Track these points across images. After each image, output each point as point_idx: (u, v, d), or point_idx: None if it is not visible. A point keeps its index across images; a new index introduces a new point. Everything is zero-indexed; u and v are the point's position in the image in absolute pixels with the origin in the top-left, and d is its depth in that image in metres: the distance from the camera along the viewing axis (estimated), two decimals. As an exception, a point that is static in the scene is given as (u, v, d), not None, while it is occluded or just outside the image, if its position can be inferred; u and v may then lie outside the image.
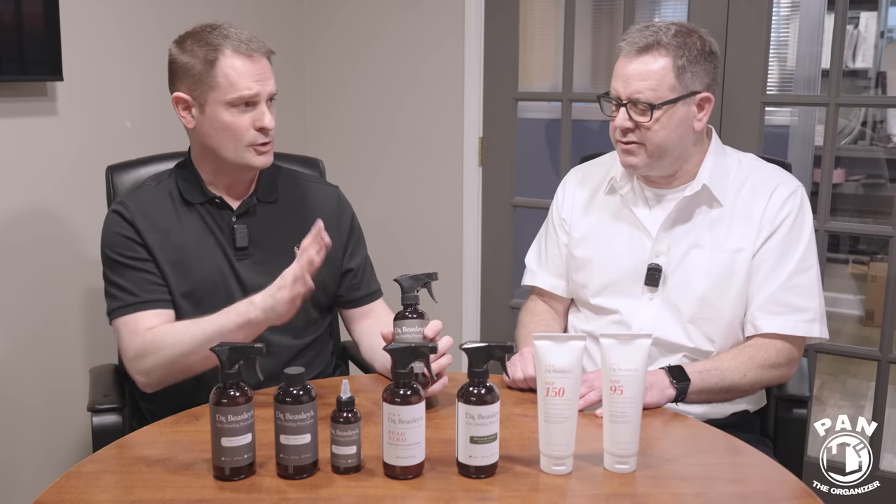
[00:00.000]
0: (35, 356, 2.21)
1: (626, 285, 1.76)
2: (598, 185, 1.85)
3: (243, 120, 1.63)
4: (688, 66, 1.65)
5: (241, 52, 1.61)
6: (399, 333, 1.48)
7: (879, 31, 5.32)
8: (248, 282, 1.69)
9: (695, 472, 1.32)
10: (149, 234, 1.66)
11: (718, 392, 1.63)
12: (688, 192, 1.72)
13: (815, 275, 1.71)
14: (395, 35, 2.97)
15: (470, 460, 1.25)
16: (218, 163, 1.68)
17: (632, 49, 1.66)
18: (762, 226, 1.70)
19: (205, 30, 1.64)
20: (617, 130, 1.70)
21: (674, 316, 1.73)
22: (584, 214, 1.85)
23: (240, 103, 1.61)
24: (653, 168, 1.72)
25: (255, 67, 1.63)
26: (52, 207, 2.22)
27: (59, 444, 2.29)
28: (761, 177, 1.75)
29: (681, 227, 1.74)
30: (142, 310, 1.62)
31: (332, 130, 3.12)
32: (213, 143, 1.65)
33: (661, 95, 1.64)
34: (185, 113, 1.65)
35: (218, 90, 1.61)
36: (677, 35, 1.65)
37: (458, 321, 2.99)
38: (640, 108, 1.65)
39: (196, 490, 1.23)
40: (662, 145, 1.67)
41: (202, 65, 1.61)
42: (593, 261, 1.81)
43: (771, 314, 1.68)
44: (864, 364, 3.82)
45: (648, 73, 1.64)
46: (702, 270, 1.71)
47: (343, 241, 1.82)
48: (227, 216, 1.71)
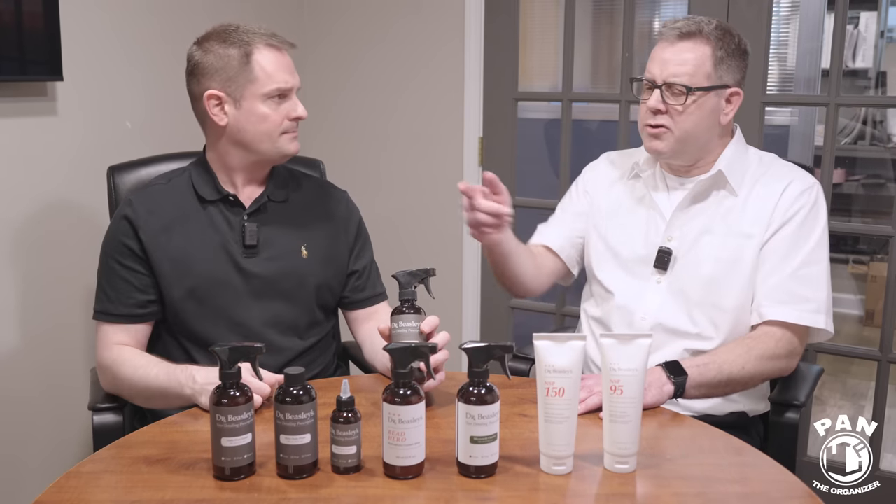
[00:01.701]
0: (37, 356, 2.21)
1: (636, 267, 1.79)
2: (624, 171, 1.89)
3: (279, 111, 1.68)
4: (725, 58, 1.69)
5: (273, 46, 1.67)
6: (395, 328, 1.48)
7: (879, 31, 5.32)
8: (254, 279, 1.70)
9: (695, 472, 1.32)
10: (152, 234, 1.68)
11: (717, 385, 1.63)
12: (703, 177, 1.75)
13: (825, 270, 1.72)
14: (396, 35, 2.97)
15: (470, 460, 1.25)
16: (247, 157, 1.71)
17: (673, 34, 1.70)
18: (774, 216, 1.71)
19: (227, 29, 1.68)
20: (648, 113, 1.72)
21: (680, 301, 1.74)
22: (607, 192, 1.89)
23: (276, 95, 1.66)
24: (676, 155, 1.75)
25: (286, 60, 1.69)
26: (51, 207, 2.22)
27: (62, 443, 2.29)
28: (779, 172, 1.78)
29: (694, 210, 1.76)
30: (116, 322, 1.69)
31: (332, 131, 3.12)
32: (247, 136, 1.68)
33: (696, 81, 1.68)
34: (218, 110, 1.68)
35: (256, 83, 1.65)
36: (718, 28, 1.70)
37: (458, 321, 2.99)
38: (674, 91, 1.68)
39: (196, 490, 1.23)
40: (690, 131, 1.70)
41: (238, 61, 1.64)
42: (608, 241, 1.84)
43: (777, 302, 1.68)
44: (864, 364, 3.82)
45: (687, 58, 1.68)
46: (711, 256, 1.73)
47: (350, 242, 1.83)
48: (240, 214, 1.73)
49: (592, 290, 1.90)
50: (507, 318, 2.99)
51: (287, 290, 1.73)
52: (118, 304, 1.68)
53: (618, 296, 1.80)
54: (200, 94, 1.67)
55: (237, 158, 1.71)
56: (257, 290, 1.71)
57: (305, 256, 1.76)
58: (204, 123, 1.73)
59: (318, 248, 1.77)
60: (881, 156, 5.24)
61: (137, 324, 1.70)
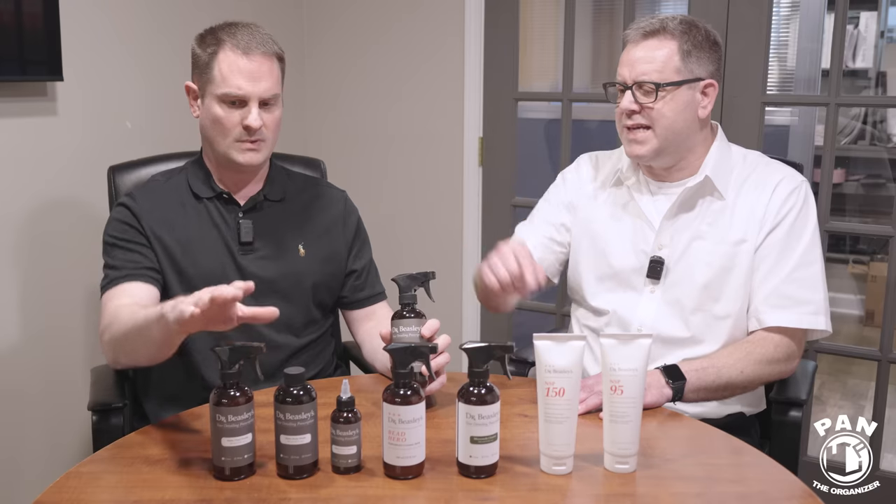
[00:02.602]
0: (36, 356, 2.21)
1: (628, 277, 1.77)
2: (607, 176, 1.86)
3: (233, 116, 1.65)
4: (693, 50, 1.67)
5: (239, 50, 1.64)
6: (396, 333, 1.48)
7: (879, 31, 5.32)
8: (251, 277, 1.69)
9: (695, 472, 1.32)
10: (152, 226, 1.69)
11: (716, 390, 1.62)
12: (690, 183, 1.73)
13: (819, 269, 1.71)
14: (395, 35, 2.97)
15: (470, 460, 1.25)
16: (215, 155, 1.72)
17: (637, 34, 1.69)
18: (765, 219, 1.70)
19: (222, 26, 1.69)
20: (623, 115, 1.71)
21: (674, 309, 1.73)
22: (591, 201, 1.86)
23: (228, 100, 1.64)
24: (659, 157, 1.72)
25: (251, 66, 1.63)
26: (52, 207, 2.22)
27: (62, 443, 2.29)
28: (766, 172, 1.75)
29: (683, 218, 1.74)
30: (122, 283, 1.63)
31: (332, 131, 3.12)
32: (208, 134, 1.70)
33: (666, 77, 1.66)
34: (193, 102, 1.71)
35: (213, 83, 1.65)
36: (682, 23, 1.69)
37: (458, 321, 2.99)
38: (645, 90, 1.67)
39: (196, 490, 1.23)
40: (668, 127, 1.68)
41: (206, 57, 1.65)
42: (597, 253, 1.81)
43: (774, 307, 1.68)
44: (864, 364, 3.82)
45: (654, 56, 1.67)
46: (703, 262, 1.71)
47: (348, 242, 1.83)
48: (235, 211, 1.73)
49: (584, 306, 1.86)
50: (507, 318, 2.99)
51: (283, 289, 1.73)
52: (124, 268, 1.65)
53: (612, 312, 1.78)
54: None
55: (213, 155, 1.73)
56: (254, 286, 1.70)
57: (303, 255, 1.76)
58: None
59: (315, 247, 1.77)
60: (881, 156, 5.23)
61: (140, 281, 1.63)
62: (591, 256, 1.82)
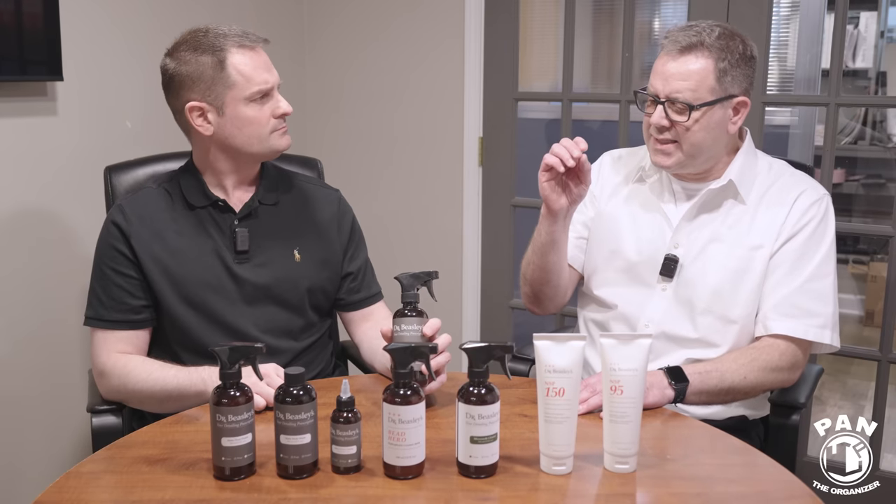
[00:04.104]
0: (34, 356, 2.21)
1: (642, 273, 1.77)
2: (630, 173, 1.86)
3: (265, 111, 1.65)
4: (729, 69, 1.64)
5: (246, 46, 1.64)
6: (398, 331, 1.48)
7: (879, 31, 5.31)
8: (247, 284, 1.69)
9: (695, 472, 1.32)
10: (142, 240, 1.67)
11: (718, 394, 1.62)
12: (713, 186, 1.73)
13: (832, 284, 1.71)
14: (395, 35, 2.97)
15: (470, 460, 1.25)
16: (237, 160, 1.69)
17: (674, 47, 1.65)
18: (783, 228, 1.70)
19: (196, 35, 1.64)
20: (652, 127, 1.70)
21: (685, 309, 1.73)
22: (612, 196, 1.86)
23: (257, 97, 1.63)
24: (684, 167, 1.72)
25: (261, 58, 1.66)
26: (51, 207, 2.22)
27: (60, 444, 2.29)
28: (790, 182, 1.75)
29: (702, 219, 1.75)
30: (114, 329, 1.67)
31: (331, 130, 3.12)
32: (237, 141, 1.66)
33: (700, 97, 1.64)
34: (201, 121, 1.65)
35: (235, 88, 1.62)
36: (721, 37, 1.64)
37: (458, 321, 2.99)
38: (677, 108, 1.65)
39: (196, 490, 1.23)
40: (698, 145, 1.67)
41: (213, 68, 1.61)
42: (613, 246, 1.81)
43: (783, 316, 1.67)
44: (864, 364, 3.82)
45: (689, 73, 1.64)
46: (718, 264, 1.71)
47: (343, 243, 1.82)
48: (230, 219, 1.71)
49: (592, 299, 1.88)
50: (507, 318, 2.99)
51: (280, 295, 1.72)
52: (112, 311, 1.66)
53: (621, 307, 1.79)
54: (181, 106, 1.65)
55: (227, 164, 1.70)
56: (250, 296, 1.70)
57: (298, 260, 1.74)
58: (189, 134, 1.71)
59: (311, 251, 1.76)
60: (881, 156, 5.23)
61: (136, 330, 1.68)
62: (607, 249, 1.83)
